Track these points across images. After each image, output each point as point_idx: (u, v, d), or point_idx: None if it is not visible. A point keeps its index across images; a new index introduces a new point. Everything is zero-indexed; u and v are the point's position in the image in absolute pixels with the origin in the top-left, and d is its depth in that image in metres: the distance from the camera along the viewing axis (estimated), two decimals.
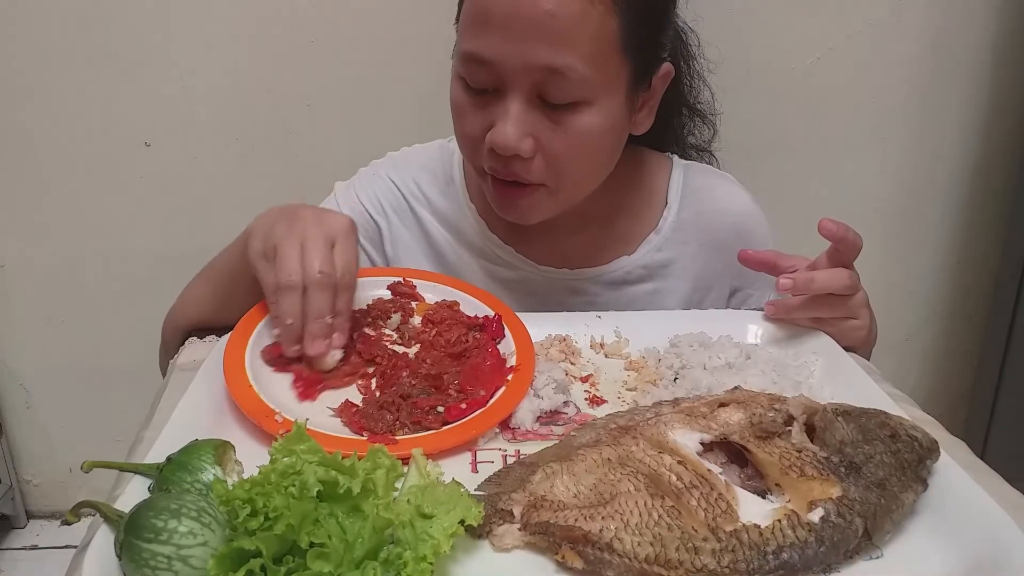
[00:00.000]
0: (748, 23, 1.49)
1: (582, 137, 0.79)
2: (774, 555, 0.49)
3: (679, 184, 0.98)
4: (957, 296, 1.78)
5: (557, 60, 0.74)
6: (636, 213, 0.97)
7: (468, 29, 0.78)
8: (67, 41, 1.44)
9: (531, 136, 0.78)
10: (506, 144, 0.77)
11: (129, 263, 1.61)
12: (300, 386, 0.68)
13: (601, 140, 0.82)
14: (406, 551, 0.47)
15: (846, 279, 0.77)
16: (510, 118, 0.77)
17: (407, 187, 0.97)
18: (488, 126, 0.79)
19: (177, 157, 1.53)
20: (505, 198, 0.84)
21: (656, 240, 0.96)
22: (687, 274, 0.97)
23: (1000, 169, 1.65)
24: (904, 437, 0.57)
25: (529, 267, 0.95)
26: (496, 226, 0.95)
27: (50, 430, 1.78)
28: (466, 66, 0.79)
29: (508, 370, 0.71)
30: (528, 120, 0.78)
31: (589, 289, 0.96)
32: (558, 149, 0.79)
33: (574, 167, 0.82)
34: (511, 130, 0.77)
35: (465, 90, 0.81)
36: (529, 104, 0.77)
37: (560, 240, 0.95)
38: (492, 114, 0.79)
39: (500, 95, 0.78)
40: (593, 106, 0.78)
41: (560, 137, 0.79)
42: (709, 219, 0.97)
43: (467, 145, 0.84)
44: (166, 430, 0.60)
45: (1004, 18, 1.54)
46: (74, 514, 0.53)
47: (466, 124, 0.82)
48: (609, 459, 0.57)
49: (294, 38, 1.46)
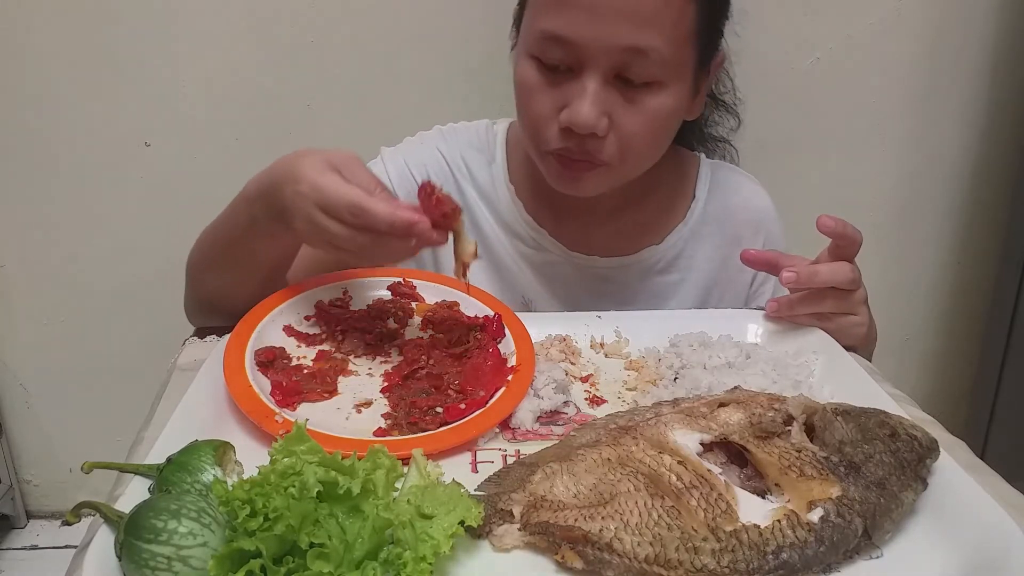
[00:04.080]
0: (748, 23, 1.49)
1: (654, 117, 0.82)
2: (774, 555, 0.49)
3: (707, 179, 1.01)
4: (957, 296, 1.78)
5: (642, 41, 0.77)
6: (666, 204, 1.00)
7: (548, 7, 0.79)
8: (67, 41, 1.44)
9: (607, 115, 0.80)
10: (585, 122, 0.79)
11: (129, 263, 1.60)
12: (278, 395, 0.67)
13: (668, 121, 0.85)
14: (406, 551, 0.47)
15: (849, 272, 0.78)
16: (588, 96, 0.78)
17: (454, 161, 0.99)
18: (561, 106, 0.80)
19: (177, 157, 1.53)
20: (570, 173, 0.85)
21: (683, 231, 0.99)
22: (710, 265, 0.99)
23: (1000, 169, 1.65)
24: (904, 436, 0.57)
25: (560, 252, 0.97)
26: (532, 208, 0.97)
27: (50, 430, 1.78)
28: (542, 44, 0.80)
29: (508, 370, 0.70)
30: (605, 99, 0.79)
31: (617, 277, 0.98)
32: (630, 128, 0.81)
33: (641, 147, 0.84)
34: (590, 108, 0.78)
35: (537, 69, 0.82)
36: (606, 83, 0.79)
37: (593, 227, 0.97)
38: (566, 93, 0.80)
39: (575, 74, 0.79)
40: (667, 87, 0.81)
41: (633, 116, 0.81)
42: (733, 213, 1.00)
43: (534, 125, 0.84)
44: (166, 430, 0.59)
45: (1004, 18, 1.54)
46: (74, 514, 0.53)
47: (536, 104, 0.83)
48: (609, 459, 0.57)
49: (294, 38, 1.46)
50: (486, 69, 1.45)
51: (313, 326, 0.78)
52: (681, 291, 0.98)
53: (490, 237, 0.98)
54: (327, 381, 0.70)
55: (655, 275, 0.98)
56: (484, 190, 0.99)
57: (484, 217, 0.98)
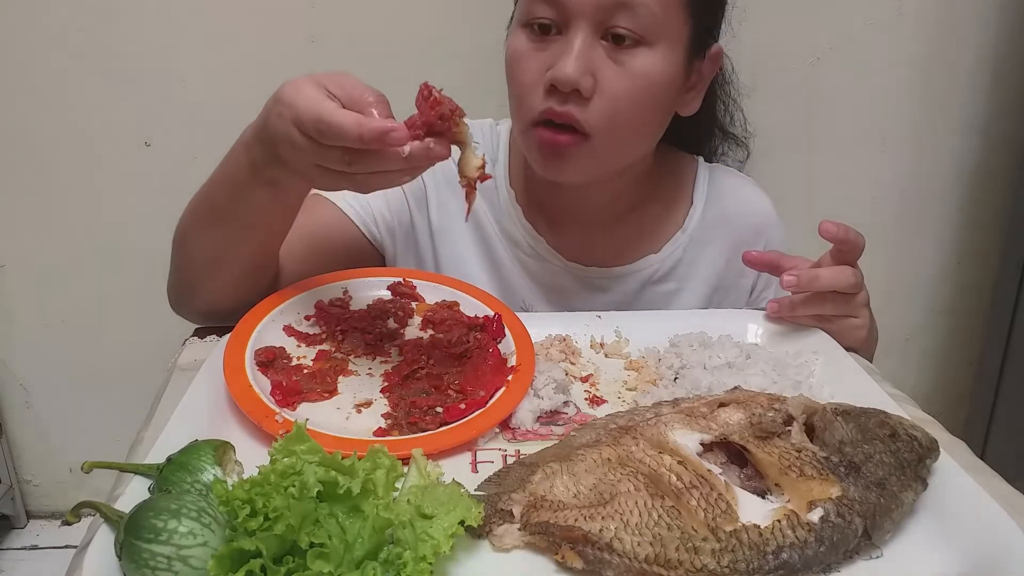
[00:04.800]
0: (748, 23, 1.48)
1: (641, 80, 0.80)
2: (774, 555, 0.49)
3: (705, 184, 0.99)
4: (957, 296, 1.78)
5: None
6: (663, 211, 0.98)
7: None
8: (68, 41, 1.44)
9: (592, 74, 0.79)
10: (567, 77, 0.78)
11: (129, 263, 1.60)
12: (278, 395, 0.67)
13: (656, 90, 0.82)
14: (406, 551, 0.47)
15: (850, 277, 0.78)
16: (573, 51, 0.78)
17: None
18: (547, 68, 0.80)
19: (177, 157, 1.53)
20: (551, 147, 0.83)
21: (682, 239, 0.98)
22: (709, 272, 0.98)
23: (1000, 169, 1.65)
24: (903, 436, 0.57)
25: (557, 262, 0.96)
26: (531, 214, 0.96)
27: (50, 430, 1.78)
28: (531, 3, 0.80)
29: (508, 370, 0.71)
30: (591, 57, 0.79)
31: (615, 287, 0.97)
32: (617, 90, 0.80)
33: (627, 115, 0.82)
34: (573, 63, 0.78)
35: (527, 37, 0.81)
36: (593, 41, 0.79)
37: (591, 236, 0.96)
38: (553, 55, 0.80)
39: (562, 36, 0.79)
40: (654, 49, 0.80)
41: (620, 77, 0.80)
42: (732, 219, 0.99)
43: (521, 94, 0.84)
44: (166, 430, 0.60)
45: (1004, 18, 1.54)
46: (74, 514, 0.53)
47: (523, 71, 0.82)
48: (609, 459, 0.57)
49: (294, 38, 1.46)
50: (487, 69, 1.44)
51: (313, 326, 0.78)
52: (680, 300, 0.98)
53: (492, 238, 0.98)
54: (327, 381, 0.70)
55: (654, 284, 0.97)
56: (486, 190, 0.98)
57: (487, 218, 0.98)
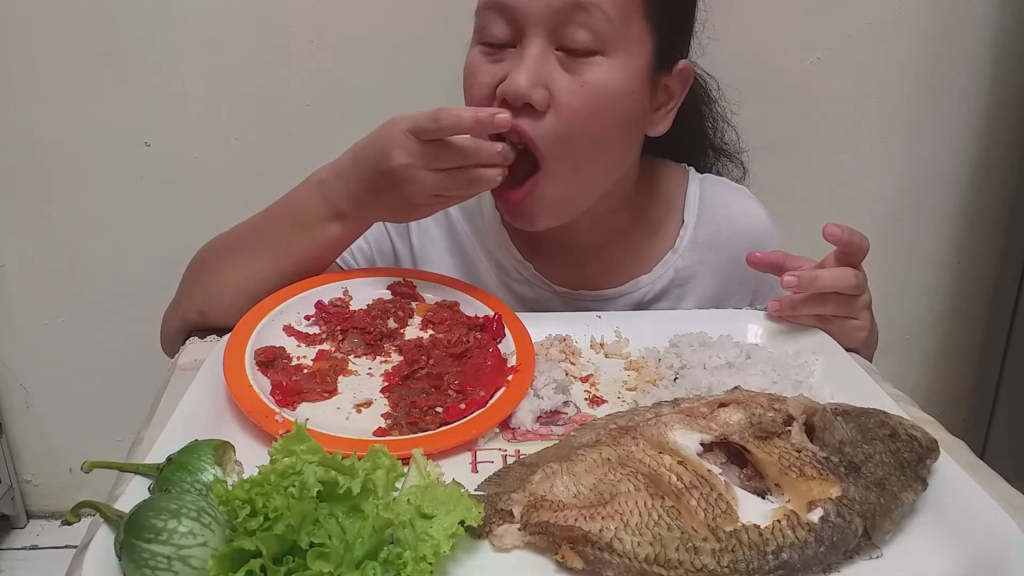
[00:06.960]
0: (748, 23, 1.49)
1: (597, 92, 0.77)
2: (774, 555, 0.49)
3: (695, 200, 0.96)
4: (957, 296, 1.78)
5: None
6: (653, 232, 0.95)
7: None
8: (67, 41, 1.44)
9: (545, 88, 0.76)
10: (518, 90, 0.75)
11: (129, 263, 1.60)
12: (278, 395, 0.67)
13: (614, 103, 0.78)
14: (406, 551, 0.47)
15: (852, 279, 0.77)
16: (524, 63, 0.76)
17: None
18: (499, 82, 0.77)
19: (177, 157, 1.53)
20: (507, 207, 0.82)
21: (673, 259, 0.95)
22: (703, 292, 0.96)
23: (1000, 169, 1.65)
24: (903, 436, 0.57)
25: (545, 287, 0.94)
26: (517, 238, 0.94)
27: (50, 430, 1.78)
28: (486, 19, 0.78)
29: (508, 370, 0.70)
30: (544, 68, 0.76)
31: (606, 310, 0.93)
32: (572, 104, 0.76)
33: (583, 130, 0.78)
34: (524, 74, 0.75)
35: (482, 52, 0.80)
36: (547, 52, 0.76)
37: (578, 260, 0.93)
38: (506, 69, 0.77)
39: (516, 50, 0.77)
40: (612, 58, 0.77)
41: (575, 89, 0.76)
42: (726, 237, 0.95)
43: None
44: (166, 430, 0.60)
45: (1004, 18, 1.54)
46: (74, 514, 0.53)
47: (476, 86, 0.80)
48: (609, 459, 0.57)
49: (294, 38, 1.46)
50: None
51: (313, 326, 0.78)
52: None
53: (476, 264, 0.95)
54: (327, 381, 0.70)
55: (645, 306, 0.95)
56: (471, 215, 0.95)
57: (471, 244, 0.95)
